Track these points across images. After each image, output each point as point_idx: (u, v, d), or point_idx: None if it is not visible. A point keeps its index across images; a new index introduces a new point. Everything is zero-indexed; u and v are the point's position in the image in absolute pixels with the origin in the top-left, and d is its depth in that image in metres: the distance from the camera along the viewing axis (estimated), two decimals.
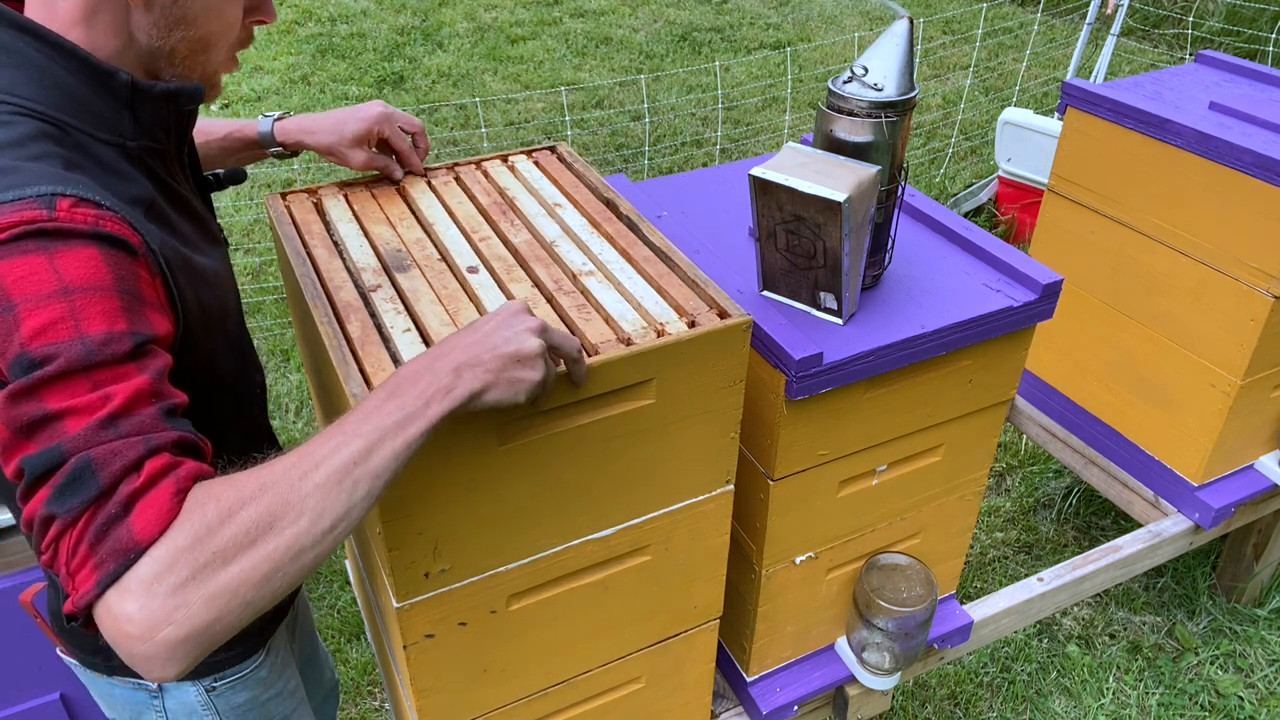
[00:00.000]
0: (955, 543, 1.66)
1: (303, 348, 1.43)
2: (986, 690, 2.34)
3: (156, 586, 0.72)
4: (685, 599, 1.32)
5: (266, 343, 3.43)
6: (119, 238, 0.82)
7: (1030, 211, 3.82)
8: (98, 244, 0.81)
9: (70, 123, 0.89)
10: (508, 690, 1.24)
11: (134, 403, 0.78)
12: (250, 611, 0.76)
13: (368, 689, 2.31)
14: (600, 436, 1.08)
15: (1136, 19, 5.99)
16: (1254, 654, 2.40)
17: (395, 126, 1.33)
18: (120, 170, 0.92)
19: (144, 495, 0.74)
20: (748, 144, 4.83)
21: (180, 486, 0.76)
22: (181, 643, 0.73)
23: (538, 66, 5.63)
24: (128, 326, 0.80)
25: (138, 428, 0.77)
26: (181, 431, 0.80)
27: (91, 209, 0.82)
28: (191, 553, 0.73)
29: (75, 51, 0.90)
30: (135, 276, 0.83)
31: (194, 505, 0.75)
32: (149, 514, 0.74)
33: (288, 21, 6.03)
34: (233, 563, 0.74)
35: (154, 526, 0.73)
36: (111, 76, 0.91)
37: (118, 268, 0.81)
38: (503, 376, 0.88)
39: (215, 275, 1.03)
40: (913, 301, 1.36)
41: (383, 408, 0.83)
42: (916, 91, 1.29)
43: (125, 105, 0.93)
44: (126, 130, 0.94)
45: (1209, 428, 1.98)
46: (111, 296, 0.80)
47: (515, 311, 0.92)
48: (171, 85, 0.96)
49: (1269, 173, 1.74)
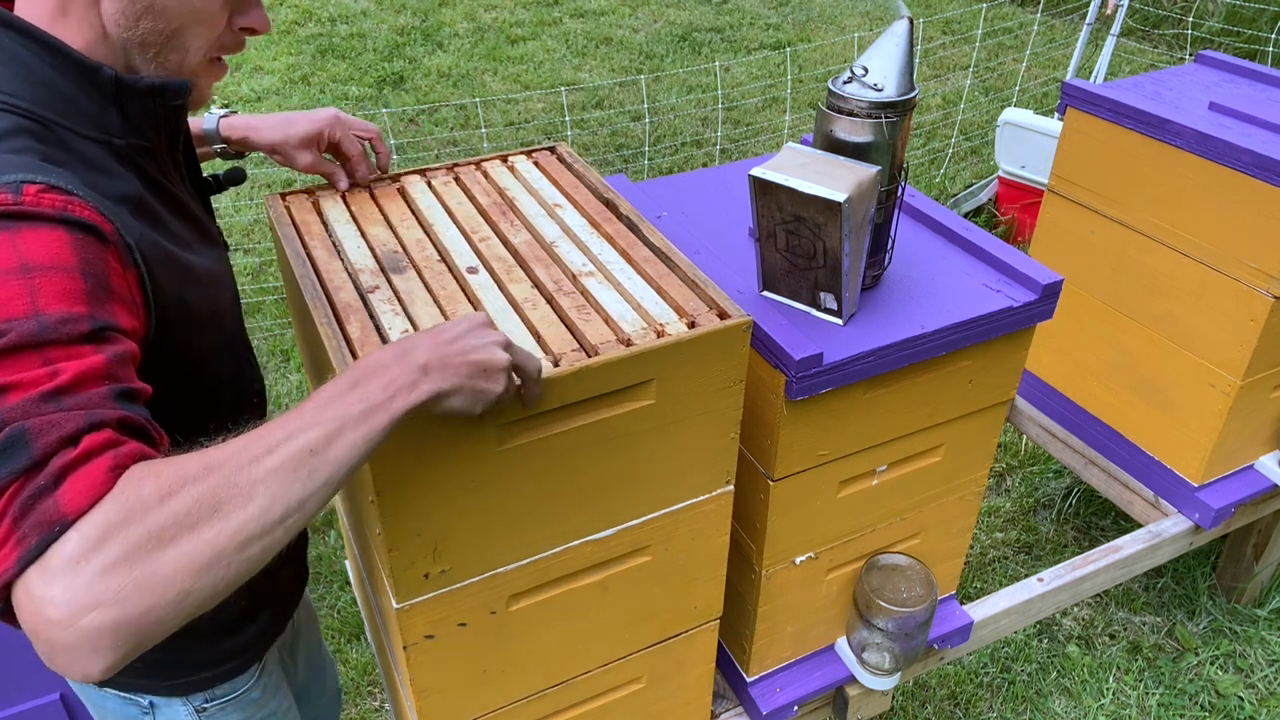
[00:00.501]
0: (955, 543, 1.66)
1: (302, 348, 1.43)
2: (986, 690, 2.34)
3: (83, 565, 0.65)
4: (685, 599, 1.31)
5: (267, 343, 3.43)
6: (88, 223, 0.80)
7: (1030, 211, 3.82)
8: (65, 227, 0.79)
9: (54, 120, 0.88)
10: (508, 691, 1.24)
11: (83, 380, 0.73)
12: (189, 604, 0.69)
13: (368, 689, 2.31)
14: (600, 437, 1.08)
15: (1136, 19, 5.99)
16: (1254, 654, 2.40)
17: (348, 131, 1.29)
18: (106, 167, 0.91)
19: (77, 469, 0.69)
20: (748, 144, 4.83)
21: (118, 462, 0.70)
22: (109, 631, 0.65)
23: (538, 67, 5.63)
24: (87, 309, 0.76)
25: (83, 403, 0.72)
26: (130, 412, 0.75)
27: (60, 195, 0.80)
28: (125, 529, 0.67)
29: (60, 47, 0.89)
30: (103, 263, 0.81)
31: (130, 480, 0.69)
32: (80, 486, 0.68)
33: (288, 21, 6.03)
34: (170, 545, 0.67)
35: (84, 499, 0.67)
36: (96, 72, 0.90)
37: (84, 251, 0.79)
38: (468, 384, 0.86)
39: (208, 275, 1.01)
40: (913, 302, 1.36)
41: (345, 397, 0.79)
42: (916, 92, 1.29)
43: (112, 102, 0.92)
44: (114, 128, 0.93)
45: (1209, 428, 1.98)
46: (74, 278, 0.77)
47: (482, 322, 0.91)
48: (156, 80, 0.94)
49: (1269, 173, 1.74)
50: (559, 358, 1.02)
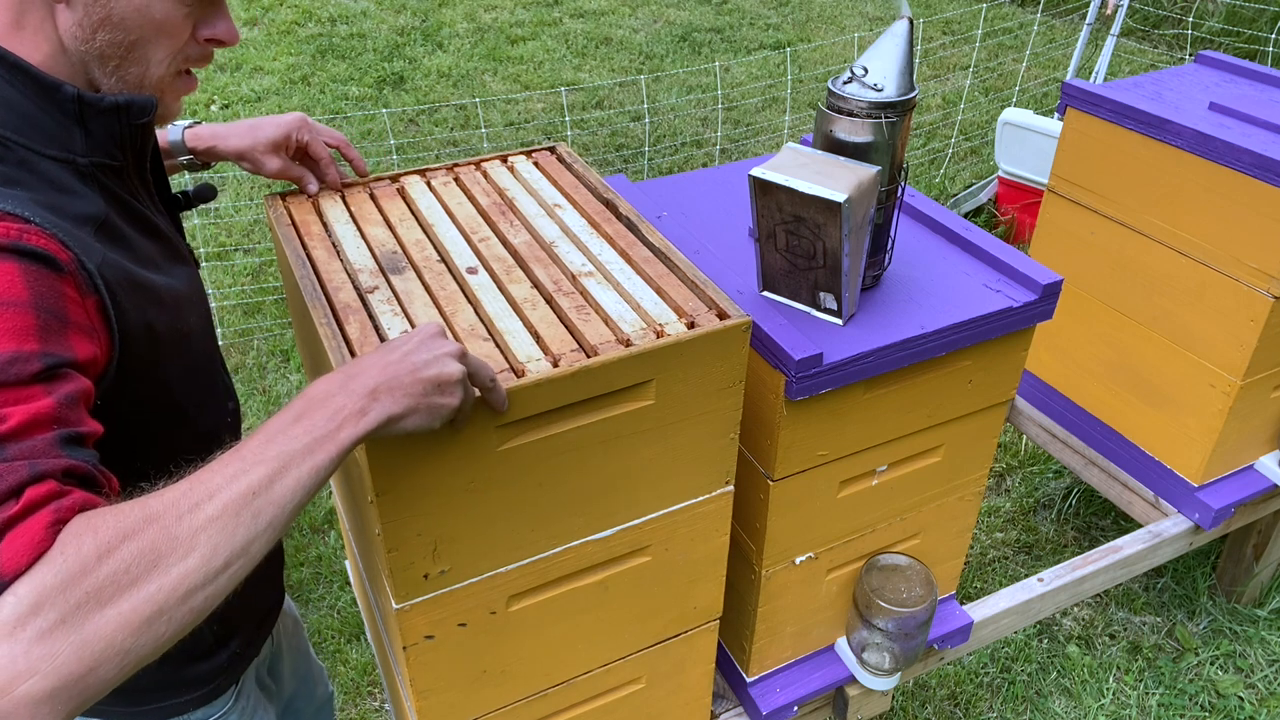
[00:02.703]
0: (955, 543, 1.66)
1: (302, 348, 1.43)
2: (986, 691, 2.34)
3: (19, 631, 0.63)
4: (685, 600, 1.31)
5: (267, 343, 3.43)
6: (43, 253, 0.78)
7: (1030, 211, 3.82)
8: (17, 258, 0.76)
9: (12, 138, 0.85)
10: (507, 691, 1.24)
11: (29, 427, 0.72)
12: (130, 662, 0.68)
13: (368, 689, 2.31)
14: (600, 437, 1.07)
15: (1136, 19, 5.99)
16: (1254, 654, 2.40)
17: (315, 134, 1.27)
18: (68, 187, 0.88)
19: (16, 525, 0.67)
20: (748, 144, 4.83)
21: (59, 517, 0.68)
22: (48, 699, 0.64)
23: (538, 67, 5.63)
24: (39, 347, 0.75)
25: (25, 452, 0.71)
26: (76, 460, 0.73)
27: (14, 223, 0.78)
28: (62, 593, 0.65)
29: (17, 63, 0.86)
30: (58, 295, 0.78)
31: (69, 538, 0.67)
32: (18, 545, 0.66)
33: (288, 22, 6.03)
34: (109, 604, 0.66)
35: (21, 558, 0.66)
36: (56, 90, 0.87)
37: (37, 284, 0.77)
38: (423, 402, 0.84)
39: (174, 296, 0.98)
40: (913, 302, 1.36)
41: (289, 431, 0.77)
42: (916, 92, 1.29)
43: (75, 120, 0.89)
44: (77, 146, 0.90)
45: (1209, 428, 1.98)
46: (25, 313, 0.75)
47: (433, 334, 0.88)
48: (121, 98, 0.91)
49: (1269, 173, 1.74)
50: (558, 358, 1.02)
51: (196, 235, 3.90)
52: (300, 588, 2.54)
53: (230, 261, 3.83)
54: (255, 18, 6.12)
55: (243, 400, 3.15)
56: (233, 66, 5.44)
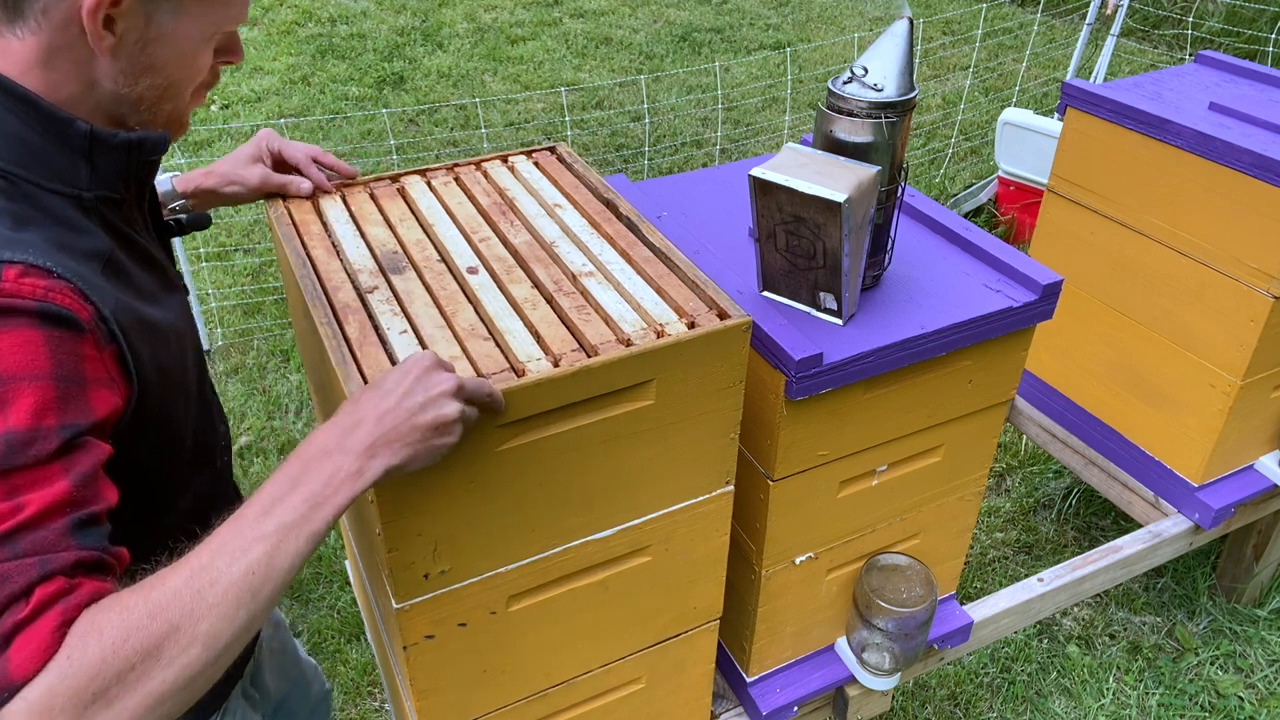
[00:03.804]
0: (955, 543, 1.66)
1: (302, 348, 1.43)
2: (986, 691, 2.34)
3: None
4: (685, 600, 1.31)
5: (267, 343, 3.43)
6: (67, 315, 0.79)
7: (1030, 211, 3.82)
8: (41, 324, 0.77)
9: (19, 174, 0.85)
10: (508, 691, 1.24)
11: (44, 515, 0.74)
12: None
13: (368, 689, 2.31)
14: (600, 437, 1.07)
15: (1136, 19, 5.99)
16: (1254, 654, 2.40)
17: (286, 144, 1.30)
18: (74, 223, 0.88)
19: (26, 628, 0.70)
20: (748, 144, 4.83)
21: (66, 618, 0.71)
22: None
23: (538, 67, 5.63)
24: (57, 420, 0.76)
25: (38, 546, 0.73)
26: (85, 549, 0.76)
27: (40, 278, 0.78)
28: (71, 697, 0.68)
29: (28, 97, 0.85)
30: (78, 357, 0.79)
31: (75, 640, 0.71)
32: (27, 650, 0.69)
33: (288, 22, 6.03)
34: (116, 702, 0.70)
35: (31, 664, 0.69)
36: (69, 125, 0.87)
37: (58, 351, 0.78)
38: (422, 448, 0.86)
39: (173, 330, 0.99)
40: (913, 302, 1.36)
41: (287, 499, 0.80)
42: (916, 92, 1.29)
43: (82, 155, 0.89)
44: (82, 181, 0.90)
45: (1209, 428, 1.98)
46: (46, 386, 0.76)
47: (427, 369, 0.88)
48: (134, 135, 0.92)
49: (1269, 173, 1.74)
50: (559, 358, 1.02)
51: (197, 235, 3.90)
52: (300, 588, 2.54)
53: (230, 261, 3.83)
54: (255, 18, 6.12)
55: (243, 400, 3.15)
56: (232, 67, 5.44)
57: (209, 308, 3.54)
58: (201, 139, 4.70)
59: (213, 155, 4.52)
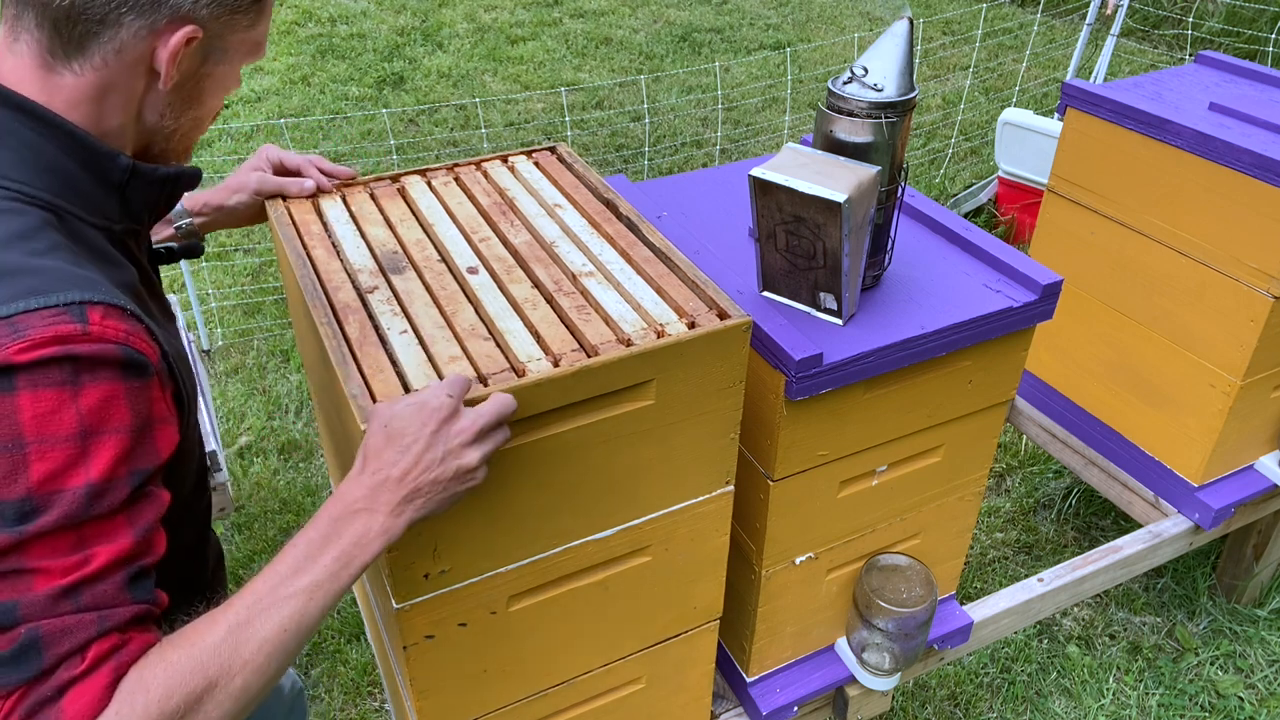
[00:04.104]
0: (955, 543, 1.66)
1: (302, 348, 1.43)
2: (986, 691, 2.34)
3: None
4: (685, 600, 1.31)
5: (267, 343, 3.43)
6: (141, 360, 0.80)
7: (1030, 211, 3.82)
8: (124, 376, 0.78)
9: (65, 208, 0.85)
10: (508, 691, 1.24)
11: (108, 569, 0.77)
12: None
13: (368, 689, 2.31)
14: (600, 437, 1.07)
15: (1136, 19, 5.99)
16: (1254, 654, 2.40)
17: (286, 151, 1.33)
18: (110, 256, 0.89)
19: (80, 682, 0.74)
20: (748, 144, 4.83)
21: (118, 675, 0.76)
22: None
23: (538, 67, 5.63)
24: (129, 468, 0.79)
25: (98, 600, 0.76)
26: (139, 604, 0.80)
27: (121, 322, 0.79)
28: None
29: (74, 133, 0.86)
30: (149, 400, 0.81)
31: (124, 696, 0.75)
32: (80, 703, 0.74)
33: (288, 22, 6.03)
34: None
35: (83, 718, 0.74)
36: (113, 159, 0.88)
37: (135, 401, 0.79)
38: (446, 497, 0.89)
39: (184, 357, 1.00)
40: (913, 302, 1.36)
41: (318, 559, 0.83)
42: (916, 92, 1.29)
43: (116, 188, 0.90)
44: (113, 213, 0.90)
45: (1209, 428, 1.98)
46: (124, 437, 0.78)
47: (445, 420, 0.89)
48: (173, 169, 0.94)
49: (1269, 173, 1.74)
50: (559, 358, 1.02)
51: None
52: None
53: (230, 261, 3.83)
54: None
55: (243, 400, 3.15)
56: None
57: (209, 308, 3.54)
58: (202, 139, 4.70)
59: (212, 155, 4.52)
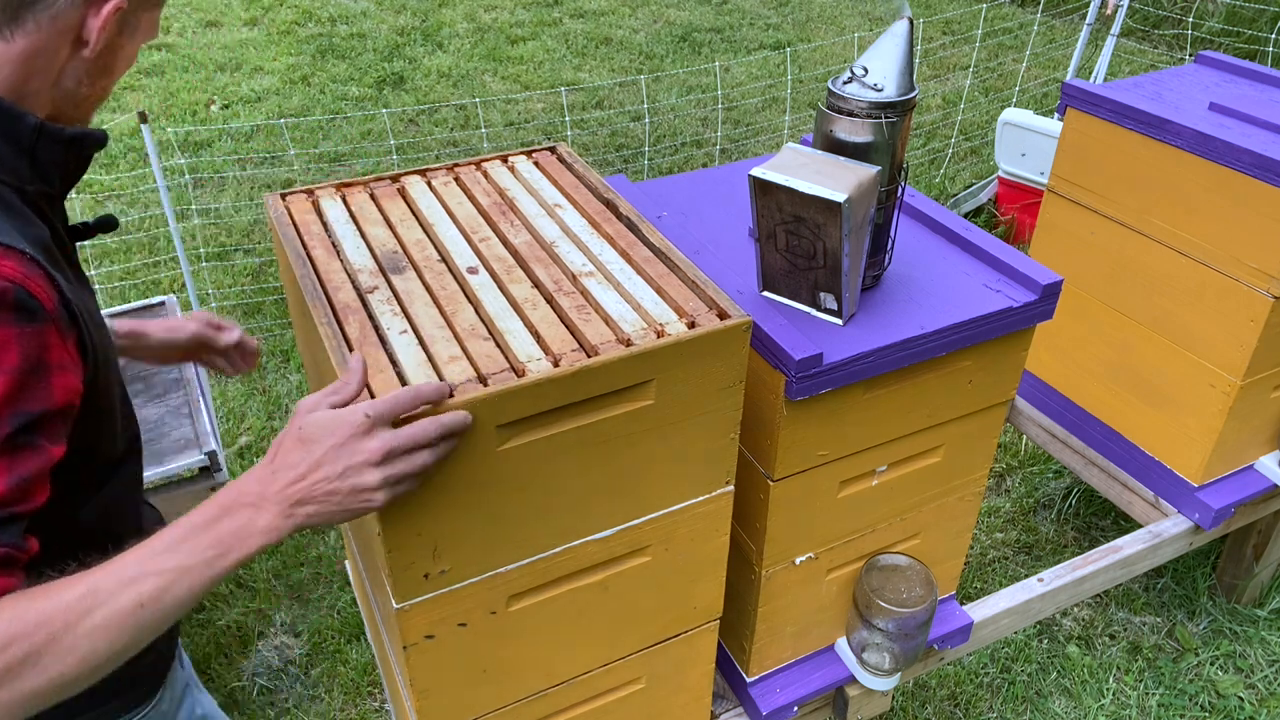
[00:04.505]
0: (955, 543, 1.66)
1: (302, 348, 1.43)
2: (986, 691, 2.34)
3: None
4: (685, 600, 1.31)
5: (267, 343, 3.43)
6: (34, 304, 0.81)
7: (1030, 211, 3.82)
8: (15, 320, 0.80)
9: None
10: (507, 691, 1.24)
11: None
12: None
13: (368, 689, 2.31)
14: (600, 437, 1.07)
15: (1136, 19, 5.99)
16: (1254, 654, 2.40)
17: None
18: (21, 212, 0.90)
19: None
20: (748, 144, 4.84)
21: None
22: None
23: (538, 67, 5.63)
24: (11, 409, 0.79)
25: None
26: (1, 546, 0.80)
27: (17, 262, 0.81)
28: None
29: None
30: (43, 346, 0.82)
31: None
32: None
33: (288, 22, 6.03)
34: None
35: None
36: (20, 120, 0.90)
37: (26, 344, 0.81)
38: (339, 511, 0.88)
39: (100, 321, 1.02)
40: (913, 302, 1.36)
41: (196, 539, 0.83)
42: (916, 92, 1.29)
43: (25, 149, 0.91)
44: (24, 174, 0.92)
45: (1209, 428, 1.98)
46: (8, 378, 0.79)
47: (355, 434, 0.88)
48: (78, 130, 0.95)
49: (1269, 173, 1.74)
50: (559, 358, 1.02)
51: (196, 235, 3.91)
52: (300, 588, 2.54)
53: (230, 261, 3.83)
54: (255, 18, 6.12)
55: (242, 400, 3.15)
56: (233, 66, 5.44)
57: (209, 308, 3.54)
58: (202, 139, 4.70)
59: (213, 155, 4.52)
